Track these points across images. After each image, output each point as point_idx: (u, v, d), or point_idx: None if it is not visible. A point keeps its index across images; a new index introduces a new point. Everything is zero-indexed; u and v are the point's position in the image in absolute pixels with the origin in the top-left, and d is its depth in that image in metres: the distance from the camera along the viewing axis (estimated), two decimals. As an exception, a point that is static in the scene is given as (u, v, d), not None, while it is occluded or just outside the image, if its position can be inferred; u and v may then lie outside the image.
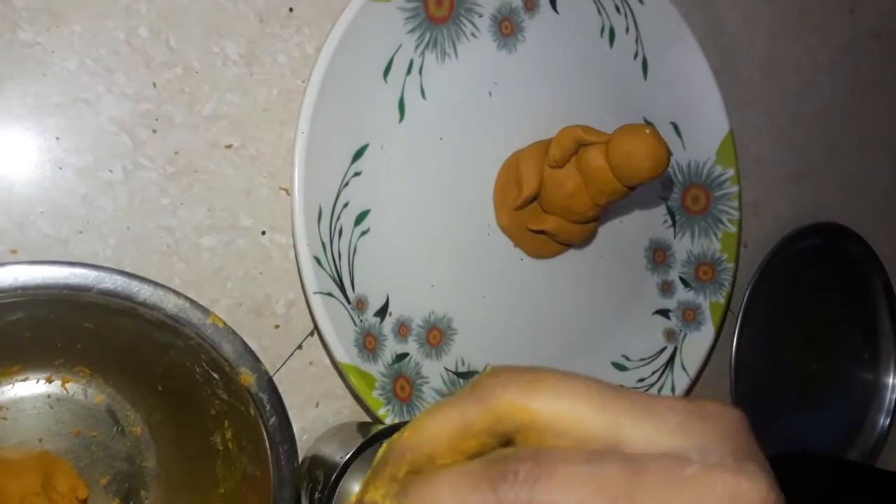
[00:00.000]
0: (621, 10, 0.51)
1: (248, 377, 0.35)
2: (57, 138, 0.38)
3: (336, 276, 0.42)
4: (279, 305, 0.43)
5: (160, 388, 0.38)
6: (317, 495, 0.38)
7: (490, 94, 0.48)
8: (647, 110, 0.53)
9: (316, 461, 0.40)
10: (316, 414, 0.44)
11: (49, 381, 0.37)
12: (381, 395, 0.43)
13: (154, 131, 0.40)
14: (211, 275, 0.41)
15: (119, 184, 0.39)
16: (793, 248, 0.60)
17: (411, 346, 0.45)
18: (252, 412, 0.35)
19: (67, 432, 0.38)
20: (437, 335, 0.46)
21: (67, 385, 0.38)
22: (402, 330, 0.45)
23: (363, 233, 0.44)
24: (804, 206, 0.64)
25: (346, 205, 0.43)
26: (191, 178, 0.41)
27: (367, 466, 0.43)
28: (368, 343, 0.43)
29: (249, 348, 0.35)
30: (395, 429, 0.40)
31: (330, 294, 0.42)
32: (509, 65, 0.48)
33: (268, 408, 0.35)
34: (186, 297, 0.34)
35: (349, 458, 0.37)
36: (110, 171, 0.39)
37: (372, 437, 0.38)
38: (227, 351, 0.34)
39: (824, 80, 0.66)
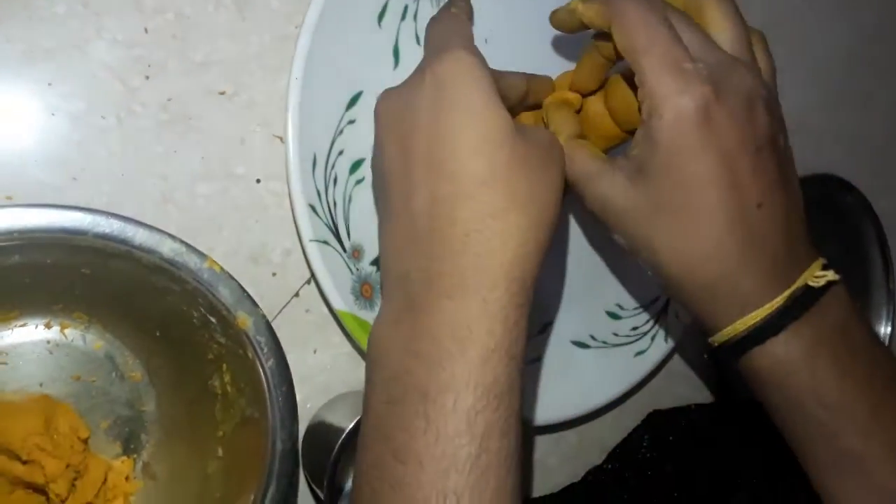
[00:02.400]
0: (619, -45, 0.51)
1: (245, 320, 0.35)
2: (49, 84, 0.38)
3: (331, 225, 0.43)
4: (275, 254, 0.44)
5: (158, 334, 0.38)
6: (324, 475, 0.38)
7: (486, 40, 0.47)
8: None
9: (319, 429, 0.41)
10: (314, 361, 0.45)
11: (48, 326, 0.38)
12: (377, 342, 0.43)
13: (147, 77, 0.40)
14: (206, 222, 0.42)
15: (112, 130, 0.39)
16: (788, 198, 0.60)
17: (407, 295, 0.46)
18: (250, 355, 0.36)
19: (67, 378, 0.38)
20: (432, 284, 0.47)
21: (66, 331, 0.38)
22: (398, 278, 0.45)
23: (358, 181, 0.44)
24: (801, 157, 0.64)
25: (340, 153, 0.43)
26: (184, 126, 0.41)
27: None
28: (365, 291, 0.44)
29: (246, 292, 0.35)
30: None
31: (325, 242, 0.42)
32: (506, 10, 0.47)
33: (265, 350, 0.35)
34: (182, 242, 0.34)
35: (353, 427, 0.38)
36: (103, 117, 0.39)
37: None
38: (224, 295, 0.35)
39: (824, 31, 0.65)
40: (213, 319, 0.36)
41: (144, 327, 0.38)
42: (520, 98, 0.39)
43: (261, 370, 0.35)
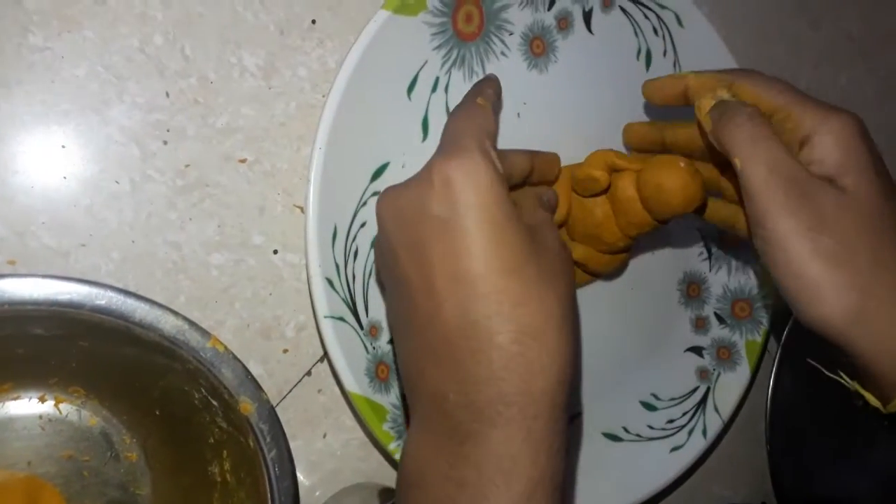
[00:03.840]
0: (659, 32, 0.49)
1: (248, 406, 0.32)
2: (63, 146, 0.37)
3: (349, 300, 0.40)
4: (289, 328, 0.41)
5: (158, 413, 0.36)
6: None
7: (518, 115, 0.45)
8: (684, 136, 0.50)
9: None
10: (323, 446, 0.42)
11: (42, 400, 0.35)
12: (392, 428, 0.40)
13: (165, 142, 0.38)
14: (218, 294, 0.39)
15: (125, 196, 0.38)
16: (835, 286, 0.57)
17: (426, 377, 0.42)
18: (251, 443, 0.33)
19: (59, 456, 0.36)
20: (454, 366, 0.44)
21: (61, 405, 0.36)
22: (418, 359, 0.42)
23: (380, 255, 0.42)
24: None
25: (363, 225, 0.41)
26: (201, 193, 0.39)
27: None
28: (381, 372, 0.41)
29: (251, 375, 0.33)
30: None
31: (342, 319, 0.39)
32: (539, 85, 0.46)
33: (268, 440, 0.32)
34: (185, 318, 0.31)
35: None
36: (117, 182, 0.37)
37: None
38: (227, 377, 0.32)
39: (870, 111, 0.63)
40: (214, 402, 0.33)
41: (143, 405, 0.36)
42: (523, 177, 0.38)
43: (262, 461, 0.32)
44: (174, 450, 0.36)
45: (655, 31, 0.49)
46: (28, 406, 0.35)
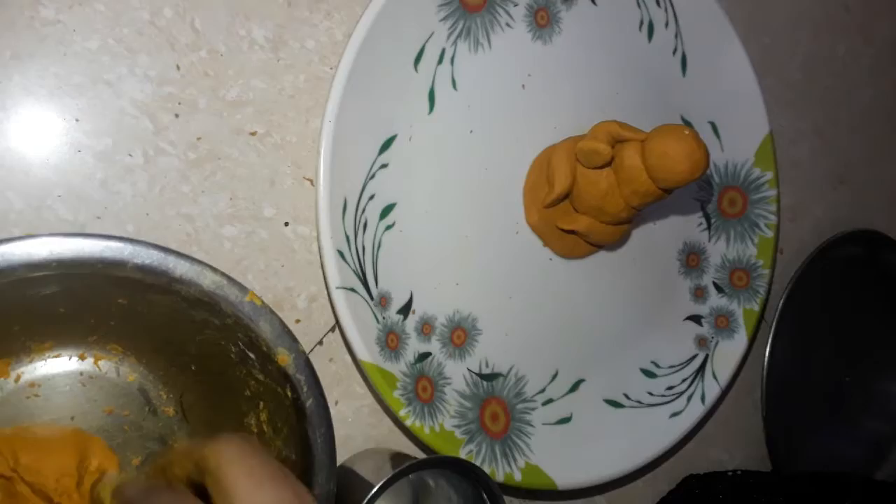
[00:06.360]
0: (661, 3, 0.52)
1: (285, 357, 0.35)
2: (77, 120, 0.39)
3: (359, 271, 0.43)
4: (300, 299, 0.44)
5: (194, 368, 0.39)
6: None
7: (523, 86, 0.48)
8: (685, 108, 0.53)
9: (339, 489, 0.40)
10: (335, 412, 0.45)
11: (82, 358, 0.38)
12: (402, 395, 0.43)
13: (176, 115, 0.40)
14: (231, 266, 0.42)
15: (139, 169, 0.40)
16: (830, 255, 0.61)
17: (434, 346, 0.45)
18: (288, 393, 0.36)
19: (100, 411, 0.38)
20: (460, 335, 0.46)
21: (100, 363, 0.38)
22: (426, 328, 0.45)
23: (388, 227, 0.44)
24: (843, 211, 0.65)
25: (371, 197, 0.43)
26: (213, 165, 0.41)
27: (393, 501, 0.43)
28: (390, 341, 0.43)
29: (287, 328, 0.36)
30: (426, 464, 0.40)
31: (352, 289, 0.42)
32: (544, 57, 0.48)
33: (304, 389, 0.36)
34: (224, 274, 0.35)
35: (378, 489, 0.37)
36: (130, 155, 0.40)
37: (404, 468, 0.38)
38: (265, 330, 0.35)
39: (867, 82, 0.66)
40: (251, 355, 0.36)
41: (180, 361, 0.38)
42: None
43: (300, 410, 0.35)
44: (210, 404, 0.39)
45: (658, 2, 0.52)
46: (68, 364, 0.38)
